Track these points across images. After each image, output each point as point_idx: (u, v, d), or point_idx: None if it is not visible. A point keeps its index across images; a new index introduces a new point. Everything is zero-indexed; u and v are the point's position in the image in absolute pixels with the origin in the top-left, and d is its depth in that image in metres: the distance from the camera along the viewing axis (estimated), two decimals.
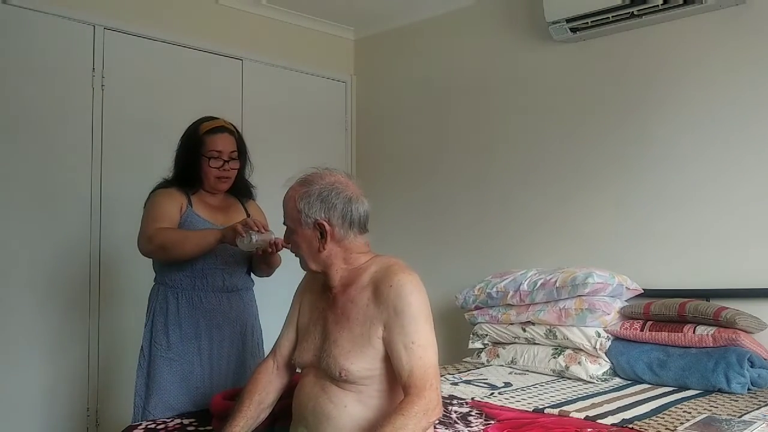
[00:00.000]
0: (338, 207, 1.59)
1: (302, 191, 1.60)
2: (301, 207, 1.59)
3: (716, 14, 2.94)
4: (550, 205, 3.45)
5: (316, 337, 1.66)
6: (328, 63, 4.27)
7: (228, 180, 2.36)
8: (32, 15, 3.07)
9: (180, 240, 2.21)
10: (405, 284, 1.55)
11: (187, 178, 2.34)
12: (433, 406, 1.49)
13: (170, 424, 1.93)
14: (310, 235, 1.61)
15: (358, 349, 1.56)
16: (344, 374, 1.56)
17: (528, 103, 3.58)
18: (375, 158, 4.28)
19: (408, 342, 1.51)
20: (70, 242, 3.16)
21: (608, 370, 2.75)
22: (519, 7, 3.60)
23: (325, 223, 1.59)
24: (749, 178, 2.86)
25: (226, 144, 2.32)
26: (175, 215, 2.28)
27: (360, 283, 1.61)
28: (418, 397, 1.47)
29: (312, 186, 1.61)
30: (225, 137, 2.33)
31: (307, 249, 1.63)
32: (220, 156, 2.31)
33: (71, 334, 3.15)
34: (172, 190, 2.33)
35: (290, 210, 1.62)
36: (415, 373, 1.49)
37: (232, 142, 2.34)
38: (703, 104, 2.99)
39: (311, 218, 1.59)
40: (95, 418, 3.20)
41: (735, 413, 2.13)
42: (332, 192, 1.60)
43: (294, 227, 1.63)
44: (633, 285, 2.92)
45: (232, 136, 2.36)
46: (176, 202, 2.30)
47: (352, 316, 1.59)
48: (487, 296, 3.11)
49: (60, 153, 3.14)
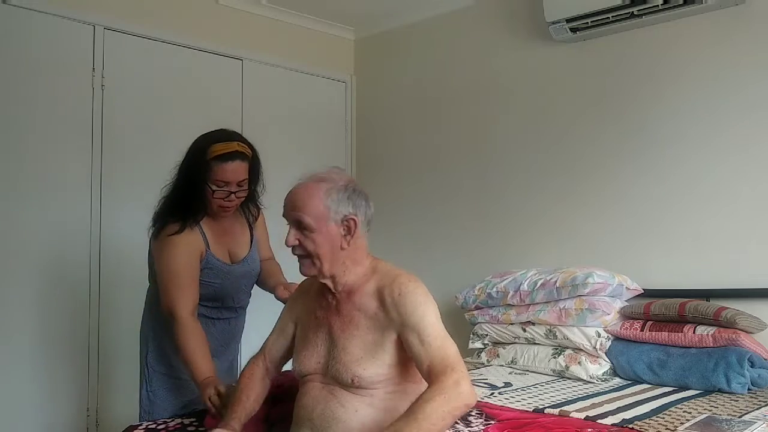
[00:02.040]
0: (362, 204, 1.59)
1: (327, 187, 1.56)
2: (329, 203, 1.55)
3: (716, 14, 2.94)
4: (550, 205, 3.45)
5: (319, 345, 1.65)
6: (328, 63, 4.27)
7: (231, 209, 2.16)
8: (32, 15, 3.07)
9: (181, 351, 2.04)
10: (412, 290, 1.56)
11: (187, 205, 2.10)
12: (464, 378, 1.44)
13: (171, 424, 1.93)
14: (334, 232, 1.57)
15: (370, 356, 1.56)
16: (356, 381, 1.56)
17: (528, 103, 3.58)
18: (375, 158, 4.28)
19: (424, 338, 1.51)
20: (70, 242, 3.16)
21: (608, 370, 2.75)
22: (519, 7, 3.60)
23: (354, 218, 1.57)
24: (749, 177, 2.86)
25: (236, 173, 2.06)
26: (196, 269, 2.11)
27: (365, 290, 1.61)
28: (444, 375, 1.44)
29: (334, 183, 1.57)
30: (236, 166, 2.06)
31: (328, 248, 1.57)
32: (227, 187, 2.07)
33: (71, 334, 3.15)
34: (188, 236, 2.09)
35: (314, 206, 1.54)
36: (434, 363, 1.48)
37: (243, 169, 2.08)
38: (703, 104, 2.99)
39: (340, 214, 1.56)
40: (95, 418, 3.20)
41: (735, 413, 2.13)
42: (355, 189, 1.60)
43: (317, 224, 1.55)
44: (633, 285, 2.92)
45: (245, 161, 2.09)
46: (196, 252, 2.11)
47: (361, 323, 1.59)
48: (488, 296, 3.11)
49: (60, 153, 3.14)
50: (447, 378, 1.44)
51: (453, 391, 1.43)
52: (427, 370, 1.49)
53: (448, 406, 1.41)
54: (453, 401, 1.42)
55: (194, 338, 2.03)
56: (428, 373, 1.49)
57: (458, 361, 1.50)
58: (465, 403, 1.45)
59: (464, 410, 1.48)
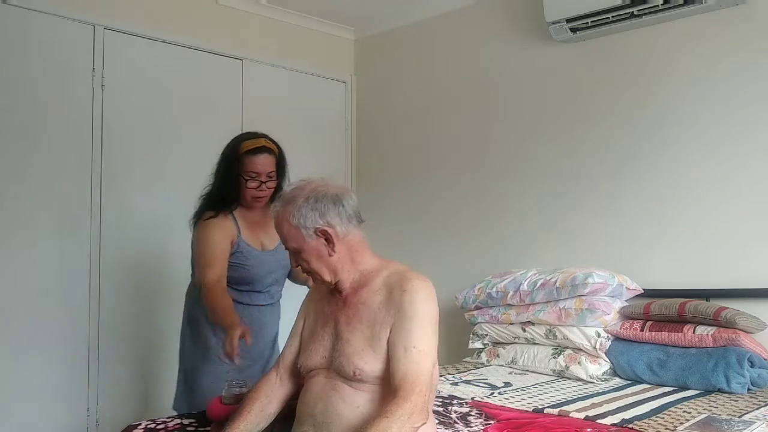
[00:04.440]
0: (330, 207, 1.61)
1: (289, 209, 1.61)
2: (296, 223, 1.60)
3: (716, 14, 2.94)
4: (550, 205, 3.45)
5: (325, 339, 1.67)
6: (328, 63, 4.27)
7: (263, 199, 2.41)
8: (32, 15, 3.07)
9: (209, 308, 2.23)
10: (419, 290, 1.57)
11: (226, 196, 2.38)
12: (419, 410, 1.47)
13: (170, 425, 1.93)
14: (316, 245, 1.61)
15: (370, 350, 1.57)
16: (358, 373, 1.56)
17: (528, 103, 3.58)
18: (375, 158, 4.28)
19: (410, 345, 1.52)
20: (70, 242, 3.16)
21: (608, 370, 2.75)
22: (519, 7, 3.60)
23: (326, 227, 1.60)
24: (749, 177, 2.86)
25: (265, 165, 2.36)
26: (226, 249, 2.34)
27: (372, 286, 1.63)
28: (404, 400, 1.47)
29: (296, 200, 1.61)
30: (264, 158, 2.36)
31: (318, 260, 1.63)
32: (258, 177, 2.35)
33: (71, 334, 3.15)
34: (222, 221, 2.36)
35: (287, 231, 1.62)
36: (408, 377, 1.50)
37: (271, 162, 2.38)
38: (703, 104, 2.99)
39: (311, 228, 1.60)
40: (95, 418, 3.20)
41: (735, 413, 2.14)
42: (317, 197, 1.61)
43: (299, 246, 1.62)
44: (633, 285, 2.92)
45: (272, 155, 2.39)
46: (227, 235, 2.36)
47: (364, 317, 1.60)
48: (487, 296, 3.11)
49: (60, 153, 3.14)
50: (413, 398, 1.47)
51: (417, 417, 1.47)
52: (399, 381, 1.50)
53: (409, 426, 1.46)
54: (415, 421, 1.47)
55: (222, 296, 2.22)
56: (398, 386, 1.50)
57: (427, 382, 1.52)
58: (420, 424, 1.49)
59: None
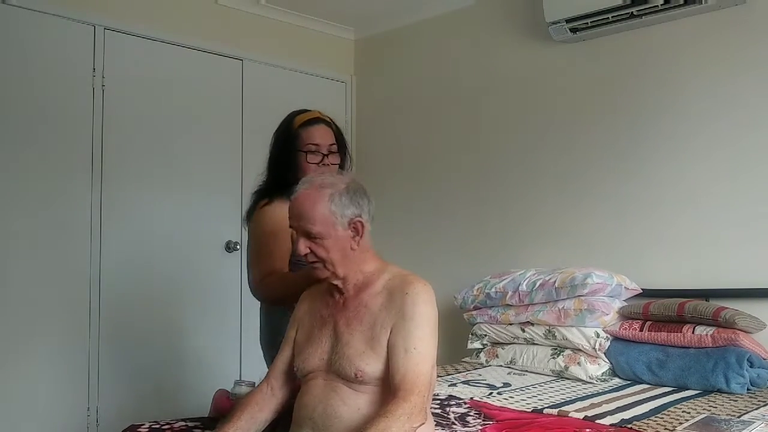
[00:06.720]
0: (366, 202, 1.61)
1: (329, 193, 1.57)
2: (334, 208, 1.57)
3: (716, 14, 2.94)
4: (549, 205, 3.45)
5: (323, 342, 1.65)
6: (328, 63, 4.27)
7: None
8: (32, 15, 3.07)
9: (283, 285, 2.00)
10: (420, 293, 1.57)
11: (285, 180, 2.10)
12: (418, 411, 1.48)
13: (175, 426, 1.93)
14: (343, 236, 1.59)
15: (371, 351, 1.57)
16: (360, 375, 1.56)
17: (528, 103, 3.58)
18: (375, 158, 4.28)
19: (410, 347, 1.52)
20: (70, 242, 3.17)
21: (607, 371, 2.75)
22: (519, 7, 3.60)
23: (361, 220, 1.59)
24: (749, 177, 2.86)
25: (324, 136, 2.15)
26: (286, 234, 2.03)
27: (374, 288, 1.62)
28: (404, 401, 1.47)
29: (336, 186, 1.59)
30: (322, 129, 2.15)
31: (339, 252, 1.59)
32: (318, 149, 2.13)
33: (71, 334, 3.16)
34: (279, 206, 2.04)
35: (320, 214, 1.56)
36: (407, 377, 1.50)
37: (330, 134, 2.17)
38: (703, 104, 2.98)
39: (347, 217, 1.58)
40: (95, 418, 3.20)
41: (734, 413, 2.14)
42: (357, 189, 1.61)
43: (326, 231, 1.57)
44: (632, 285, 2.92)
45: (329, 127, 2.18)
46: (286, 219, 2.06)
47: (365, 319, 1.60)
48: (486, 296, 3.11)
49: (60, 153, 3.15)
50: (412, 399, 1.48)
51: (416, 417, 1.48)
52: (398, 382, 1.50)
53: (408, 426, 1.46)
54: (414, 421, 1.47)
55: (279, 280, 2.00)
56: (397, 387, 1.50)
57: (426, 383, 1.52)
58: (419, 425, 1.49)
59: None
